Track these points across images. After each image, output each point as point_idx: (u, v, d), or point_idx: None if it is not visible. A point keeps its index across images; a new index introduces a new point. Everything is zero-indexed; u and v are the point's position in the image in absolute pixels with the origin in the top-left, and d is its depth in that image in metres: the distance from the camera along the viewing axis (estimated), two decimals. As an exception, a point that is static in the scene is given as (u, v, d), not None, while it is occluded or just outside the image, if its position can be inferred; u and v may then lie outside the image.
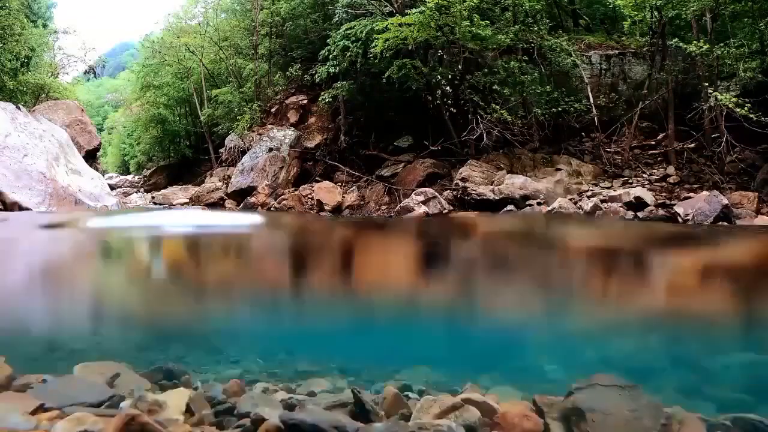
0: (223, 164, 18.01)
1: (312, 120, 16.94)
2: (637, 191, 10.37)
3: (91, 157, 17.84)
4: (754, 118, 9.66)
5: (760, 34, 10.84)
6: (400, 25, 12.26)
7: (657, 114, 12.51)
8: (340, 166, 15.27)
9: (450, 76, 12.52)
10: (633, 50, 13.80)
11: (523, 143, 12.87)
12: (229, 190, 15.58)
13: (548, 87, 12.76)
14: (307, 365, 3.82)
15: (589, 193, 11.16)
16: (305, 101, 17.10)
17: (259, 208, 13.62)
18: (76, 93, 25.20)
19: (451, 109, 12.47)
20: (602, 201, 10.43)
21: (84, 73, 25.61)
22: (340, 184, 14.71)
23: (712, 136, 11.20)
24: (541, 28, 13.25)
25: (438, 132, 13.27)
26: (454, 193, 12.03)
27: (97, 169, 15.29)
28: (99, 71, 26.18)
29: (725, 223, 8.82)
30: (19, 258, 5.94)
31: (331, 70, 14.20)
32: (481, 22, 12.23)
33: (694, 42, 10.82)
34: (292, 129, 16.45)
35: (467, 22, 12.09)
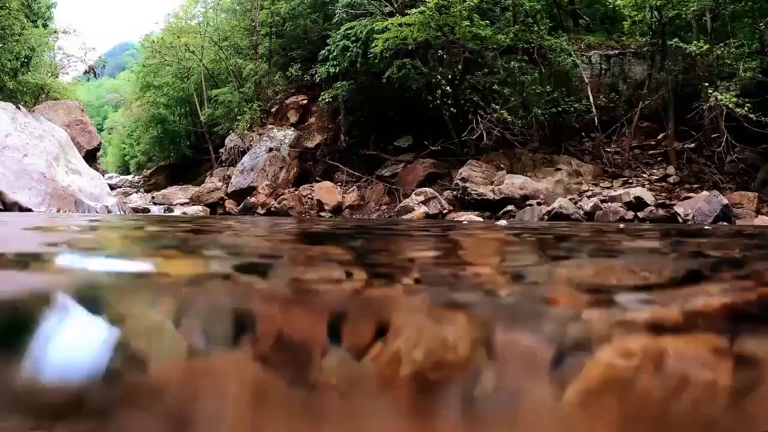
0: (223, 164, 18.01)
1: (312, 120, 16.93)
2: (637, 191, 10.37)
3: (91, 157, 17.83)
4: (754, 118, 9.67)
5: (760, 34, 10.85)
6: (400, 25, 12.26)
7: (657, 114, 12.52)
8: (340, 166, 15.28)
9: (450, 76, 12.52)
10: (633, 50, 13.81)
11: (523, 143, 12.88)
12: (229, 190, 15.58)
13: (548, 87, 12.77)
14: None
15: (589, 193, 11.17)
16: (305, 101, 17.10)
17: (259, 208, 13.62)
18: (76, 93, 25.18)
19: (451, 109, 12.48)
20: (602, 201, 10.43)
21: (84, 73, 25.56)
22: (340, 184, 14.71)
23: (712, 136, 11.21)
24: (541, 28, 13.26)
25: (438, 132, 13.28)
26: (454, 193, 12.03)
27: (97, 169, 15.27)
28: (99, 71, 26.13)
29: (725, 223, 8.82)
30: None
31: (331, 70, 14.21)
32: (481, 22, 12.24)
33: (694, 42, 10.82)
34: (292, 129, 16.45)
35: (467, 22, 12.10)
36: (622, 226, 6.68)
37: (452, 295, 1.04)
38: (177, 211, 13.68)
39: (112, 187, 16.69)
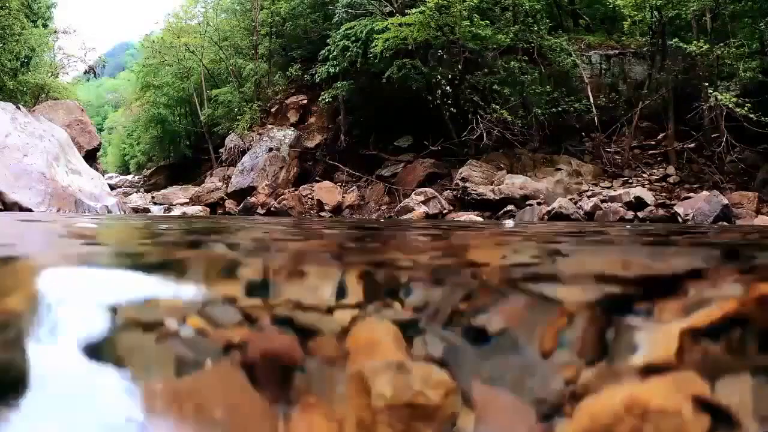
0: (223, 164, 18.01)
1: (312, 120, 16.94)
2: (637, 191, 10.37)
3: (91, 157, 17.82)
4: (754, 118, 9.66)
5: (760, 34, 10.85)
6: (400, 25, 12.26)
7: (657, 114, 12.51)
8: (340, 166, 15.28)
9: (450, 76, 12.52)
10: (633, 50, 13.81)
11: (523, 143, 12.88)
12: (229, 190, 15.59)
13: (548, 87, 12.77)
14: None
15: (589, 193, 11.17)
16: (305, 101, 17.10)
17: (259, 208, 13.62)
18: (76, 93, 25.18)
19: (451, 109, 12.48)
20: (602, 201, 10.43)
21: (84, 73, 25.58)
22: (340, 183, 14.72)
23: (712, 136, 11.20)
24: (541, 28, 13.25)
25: (438, 132, 13.28)
26: (454, 193, 12.03)
27: (97, 169, 15.26)
28: (99, 71, 26.15)
29: (725, 223, 8.82)
30: None
31: (331, 70, 14.21)
32: (481, 22, 12.24)
33: (694, 42, 10.82)
34: (292, 129, 16.45)
35: (467, 22, 12.10)
36: (628, 226, 6.67)
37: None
38: (177, 211, 13.68)
39: (112, 187, 16.69)
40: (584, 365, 0.73)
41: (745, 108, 9.72)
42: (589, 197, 10.85)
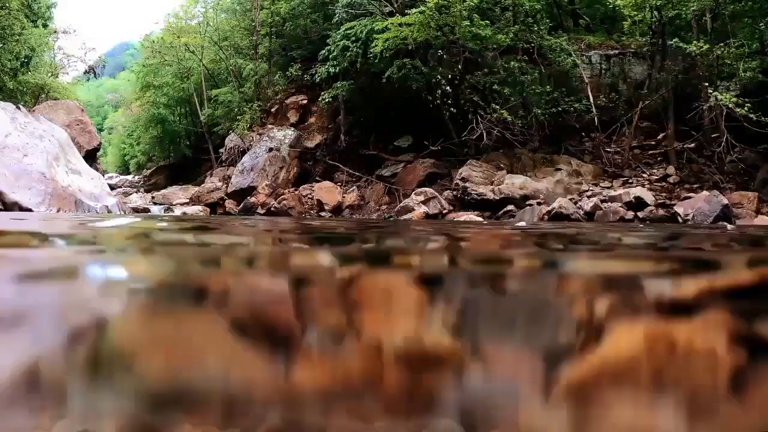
0: (223, 164, 18.01)
1: (312, 120, 16.93)
2: (637, 191, 10.37)
3: (91, 157, 17.83)
4: (754, 118, 9.67)
5: (760, 34, 10.85)
6: (400, 25, 12.26)
7: (657, 114, 12.51)
8: (340, 166, 15.28)
9: (450, 76, 12.52)
10: (633, 50, 13.80)
11: (523, 143, 12.87)
12: (229, 190, 15.58)
13: (548, 87, 12.76)
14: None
15: (589, 193, 11.16)
16: (305, 101, 17.10)
17: (259, 208, 13.62)
18: (76, 93, 25.20)
19: (451, 109, 12.48)
20: (602, 201, 10.43)
21: (84, 73, 25.58)
22: (340, 183, 14.72)
23: (712, 136, 11.20)
24: (541, 28, 13.25)
25: (438, 132, 13.28)
26: (454, 193, 12.03)
27: (97, 169, 15.27)
28: (99, 71, 26.15)
29: (725, 223, 8.81)
30: None
31: (331, 70, 14.21)
32: (481, 22, 12.24)
33: (694, 42, 10.82)
34: (292, 129, 16.45)
35: (467, 22, 12.10)
36: (641, 226, 6.65)
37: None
38: (177, 211, 13.68)
39: (112, 187, 16.69)
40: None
41: (745, 108, 9.72)
42: (589, 197, 10.84)
